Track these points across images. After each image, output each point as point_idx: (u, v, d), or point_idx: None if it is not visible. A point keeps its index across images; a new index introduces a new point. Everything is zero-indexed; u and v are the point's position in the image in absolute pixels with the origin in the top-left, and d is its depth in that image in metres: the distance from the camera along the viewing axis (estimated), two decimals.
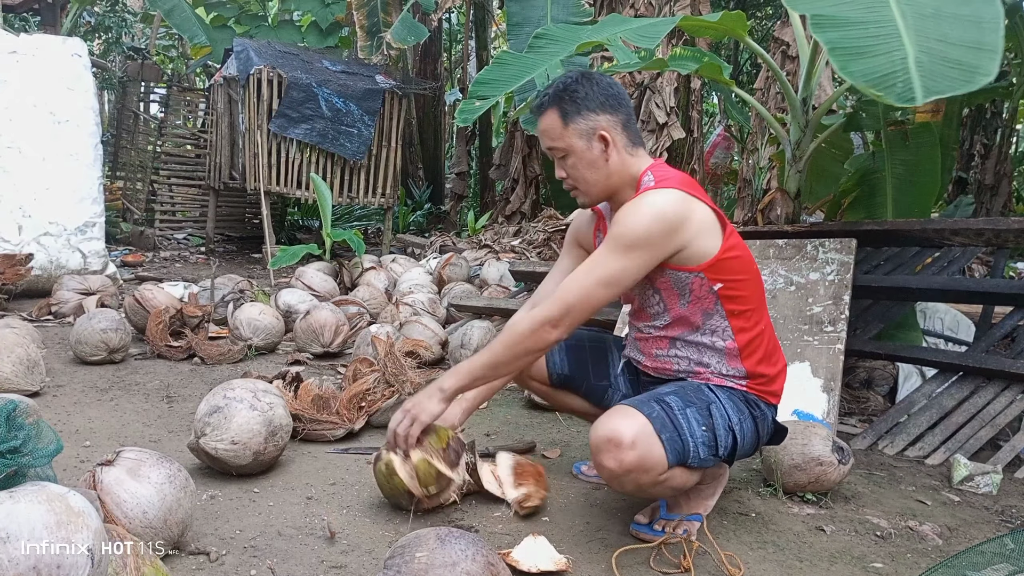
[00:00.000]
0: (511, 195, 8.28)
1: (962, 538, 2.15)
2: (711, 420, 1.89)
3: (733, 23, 3.23)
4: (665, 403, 1.86)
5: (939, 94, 2.19)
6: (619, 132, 1.95)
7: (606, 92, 1.94)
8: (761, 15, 11.13)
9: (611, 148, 1.94)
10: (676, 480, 1.87)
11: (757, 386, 2.00)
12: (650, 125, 6.43)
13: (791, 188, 3.66)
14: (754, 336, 1.99)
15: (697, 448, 1.84)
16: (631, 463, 1.77)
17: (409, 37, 7.82)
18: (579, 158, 1.95)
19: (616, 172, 1.96)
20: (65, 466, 2.22)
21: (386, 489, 2.07)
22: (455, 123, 6.79)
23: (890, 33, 2.37)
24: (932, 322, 3.86)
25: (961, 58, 2.26)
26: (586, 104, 1.92)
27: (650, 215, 1.83)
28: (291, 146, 7.16)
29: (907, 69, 2.24)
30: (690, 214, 1.87)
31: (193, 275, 6.39)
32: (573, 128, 1.93)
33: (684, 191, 1.88)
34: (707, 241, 1.90)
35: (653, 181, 1.90)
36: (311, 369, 3.66)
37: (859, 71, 2.28)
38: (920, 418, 2.95)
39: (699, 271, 1.90)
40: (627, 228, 1.84)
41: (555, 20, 6.02)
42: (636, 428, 1.79)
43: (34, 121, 5.00)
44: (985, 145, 7.39)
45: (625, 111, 1.97)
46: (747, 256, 2.01)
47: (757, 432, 2.01)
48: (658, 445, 1.79)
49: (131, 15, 10.21)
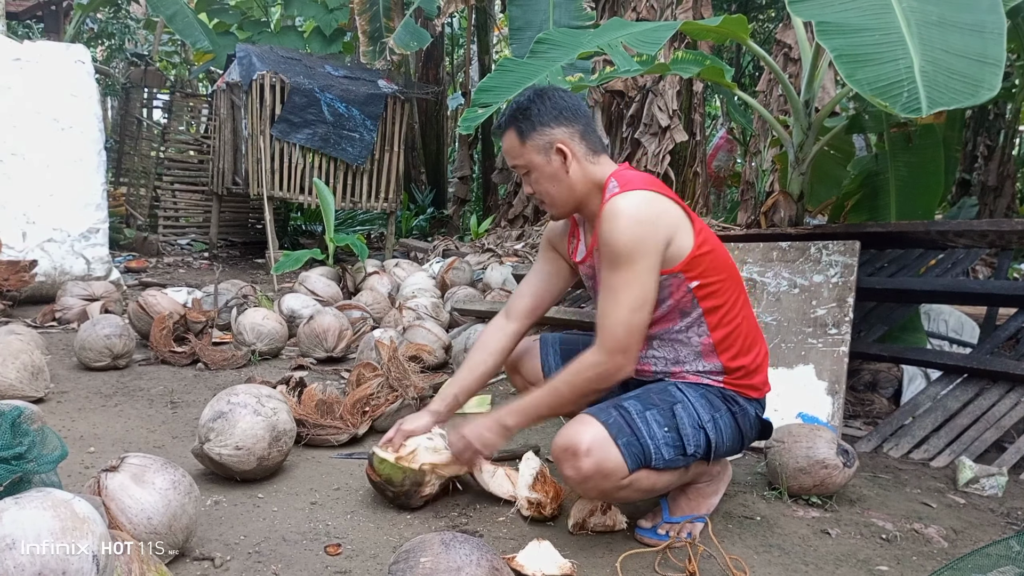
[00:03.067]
0: (514, 199, 8.29)
1: (968, 540, 2.15)
2: (674, 420, 1.90)
3: (734, 26, 3.23)
4: (623, 408, 1.89)
5: (943, 106, 2.19)
6: (577, 142, 1.98)
7: (559, 106, 1.98)
8: (763, 17, 11.13)
9: (570, 159, 1.97)
10: (643, 483, 1.88)
11: (735, 380, 2.01)
12: (652, 128, 6.44)
13: (794, 190, 3.66)
14: (731, 331, 2.00)
15: (659, 449, 1.86)
16: (588, 470, 1.81)
17: (412, 42, 7.83)
18: (540, 173, 2.00)
19: (579, 182, 1.99)
20: (70, 472, 2.23)
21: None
22: (458, 128, 6.79)
23: (895, 41, 2.37)
24: (936, 324, 3.85)
25: (965, 70, 2.27)
26: (540, 119, 1.96)
27: (626, 221, 1.84)
28: (294, 151, 7.17)
29: (912, 79, 2.24)
30: (662, 212, 1.90)
31: (197, 281, 6.40)
32: (530, 144, 1.97)
33: (650, 190, 1.91)
34: (681, 238, 1.92)
35: (618, 187, 1.92)
36: (315, 374, 3.66)
37: (865, 79, 2.28)
38: (925, 420, 2.94)
39: (677, 271, 1.92)
40: (614, 244, 1.85)
41: (557, 24, 6.02)
42: (591, 435, 1.82)
43: (38, 128, 5.01)
44: (988, 147, 7.37)
45: (582, 121, 2.01)
46: (720, 249, 2.03)
47: (738, 427, 2.02)
48: (614, 450, 1.82)
49: (134, 21, 10.24)
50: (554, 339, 2.36)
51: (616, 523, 2.04)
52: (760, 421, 2.12)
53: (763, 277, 3.19)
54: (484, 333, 2.32)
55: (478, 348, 2.30)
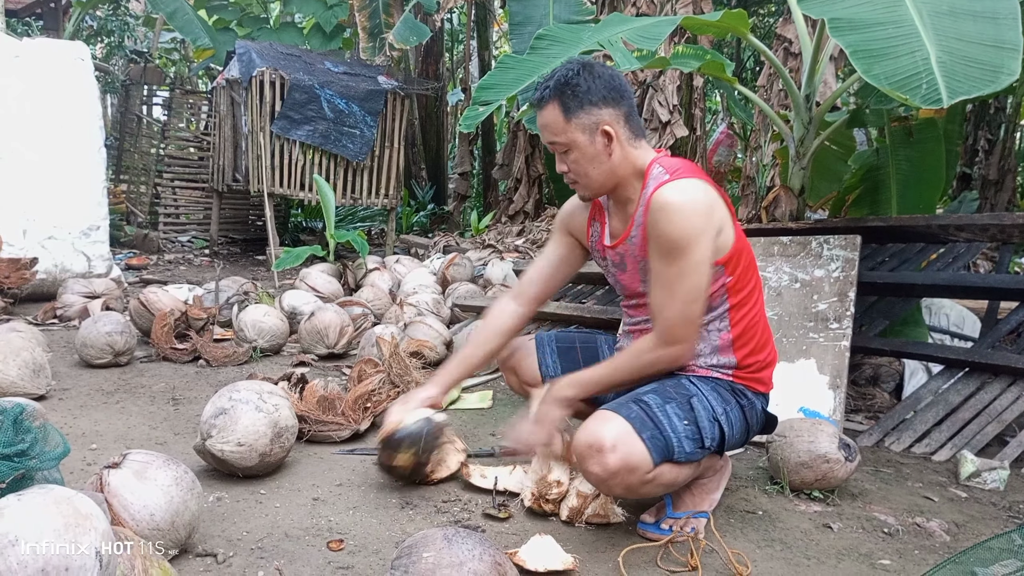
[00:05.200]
0: (514, 195, 8.28)
1: (970, 534, 2.15)
2: (692, 414, 1.89)
3: (735, 21, 3.22)
4: (643, 402, 1.87)
5: (964, 95, 2.16)
6: (622, 125, 1.92)
7: (608, 84, 1.89)
8: (764, 12, 11.11)
9: (614, 143, 1.90)
10: (665, 477, 1.87)
11: (745, 375, 2.01)
12: (653, 123, 6.43)
13: (795, 185, 3.65)
14: (749, 326, 1.99)
15: (681, 443, 1.85)
16: (615, 466, 1.79)
17: (411, 37, 7.82)
18: (582, 153, 1.91)
19: (619, 166, 1.93)
20: (72, 469, 2.23)
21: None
22: (459, 126, 6.78)
23: (909, 33, 2.34)
24: (937, 318, 3.85)
25: (982, 57, 2.24)
26: (588, 98, 1.87)
27: (682, 211, 1.81)
28: (294, 148, 7.17)
29: (930, 70, 2.21)
30: (714, 201, 1.88)
31: (197, 278, 6.41)
32: (576, 123, 1.89)
33: (699, 178, 1.89)
34: (727, 230, 1.91)
35: (666, 174, 1.88)
36: (316, 370, 3.66)
37: (883, 73, 2.25)
38: (926, 414, 2.94)
39: (719, 265, 1.90)
40: (670, 235, 1.81)
41: (557, 19, 6.01)
42: (616, 431, 1.80)
43: (37, 125, 5.00)
44: (989, 140, 7.37)
45: (628, 103, 1.93)
46: (748, 244, 2.03)
47: (746, 420, 2.02)
48: (640, 444, 1.80)
49: (133, 18, 10.22)
50: (550, 338, 2.34)
51: (609, 514, 2.03)
52: (765, 415, 2.12)
53: (764, 272, 3.18)
54: (491, 314, 2.27)
55: (485, 328, 2.26)
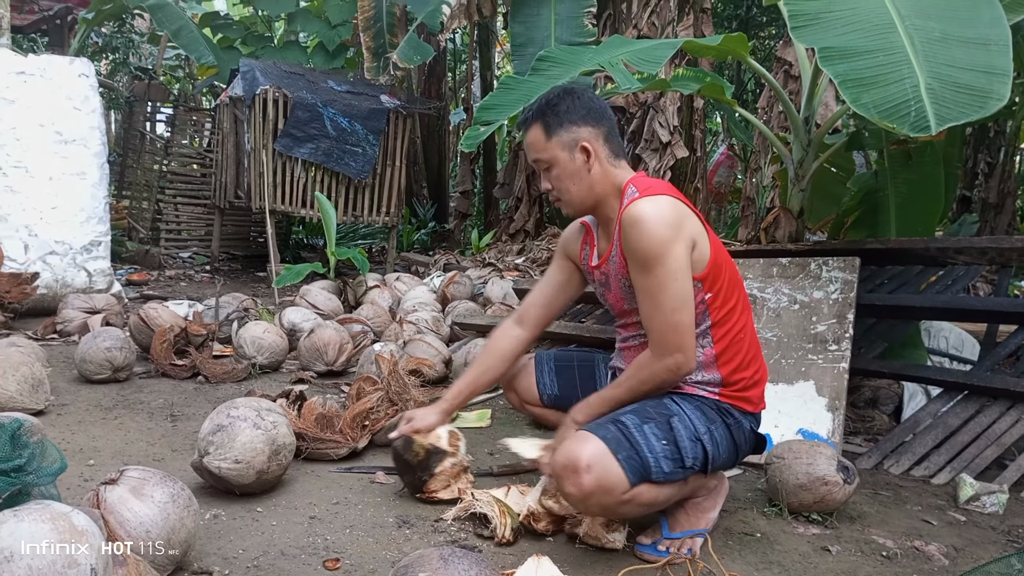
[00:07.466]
0: (515, 214, 8.30)
1: (968, 558, 2.14)
2: (672, 433, 1.90)
3: (735, 44, 3.25)
4: (621, 423, 1.89)
5: (953, 121, 2.18)
6: (601, 144, 2.02)
7: (587, 106, 2.02)
8: (764, 35, 11.19)
9: (593, 159, 2.00)
10: (644, 497, 1.87)
11: (732, 392, 2.02)
12: (653, 144, 6.47)
13: (794, 207, 3.67)
14: (733, 342, 2.01)
15: (659, 463, 1.86)
16: (590, 486, 1.80)
17: (415, 57, 7.88)
18: (562, 169, 2.02)
19: (598, 182, 2.02)
20: (69, 485, 2.22)
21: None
22: (460, 145, 6.81)
23: (899, 60, 2.36)
24: (936, 341, 3.85)
25: (972, 83, 2.26)
26: (568, 117, 2.00)
27: (651, 223, 1.86)
28: (296, 165, 7.20)
29: (919, 97, 2.23)
30: (685, 215, 1.93)
31: (198, 294, 6.41)
32: (556, 140, 2.00)
33: (670, 195, 1.94)
34: (702, 245, 1.95)
35: (637, 192, 1.95)
36: (315, 388, 3.66)
37: (871, 102, 2.27)
38: (925, 437, 2.94)
39: (696, 280, 1.93)
40: (642, 247, 1.87)
41: (559, 41, 6.05)
42: (591, 451, 1.82)
43: (41, 141, 5.03)
44: (989, 164, 7.40)
45: (607, 123, 2.04)
46: (730, 262, 2.06)
47: (733, 440, 2.02)
48: (615, 465, 1.81)
49: (138, 35, 10.29)
50: (548, 356, 2.41)
51: (600, 537, 2.01)
52: (755, 435, 2.12)
53: (763, 293, 3.19)
54: (494, 337, 2.34)
55: (488, 351, 2.33)
